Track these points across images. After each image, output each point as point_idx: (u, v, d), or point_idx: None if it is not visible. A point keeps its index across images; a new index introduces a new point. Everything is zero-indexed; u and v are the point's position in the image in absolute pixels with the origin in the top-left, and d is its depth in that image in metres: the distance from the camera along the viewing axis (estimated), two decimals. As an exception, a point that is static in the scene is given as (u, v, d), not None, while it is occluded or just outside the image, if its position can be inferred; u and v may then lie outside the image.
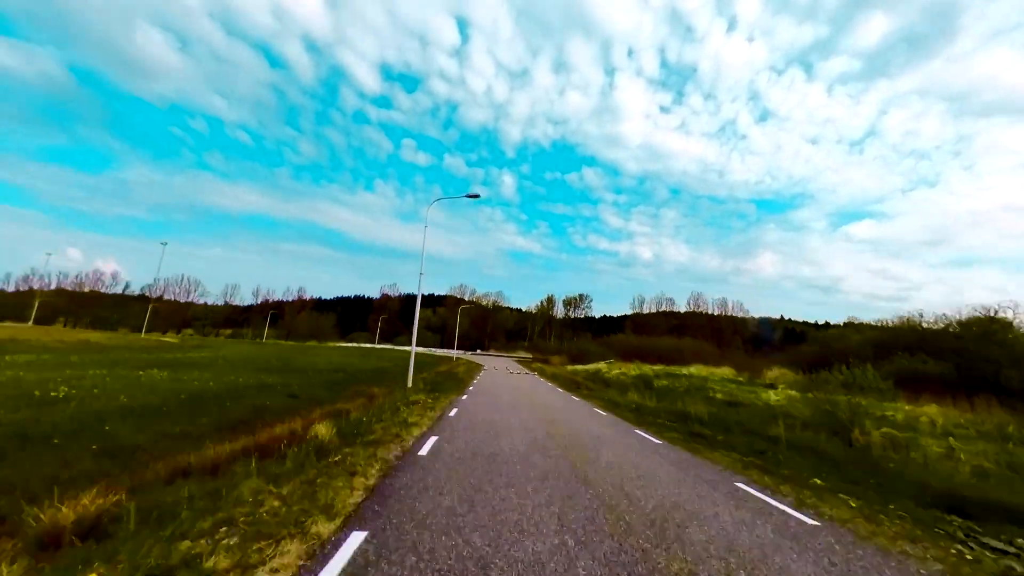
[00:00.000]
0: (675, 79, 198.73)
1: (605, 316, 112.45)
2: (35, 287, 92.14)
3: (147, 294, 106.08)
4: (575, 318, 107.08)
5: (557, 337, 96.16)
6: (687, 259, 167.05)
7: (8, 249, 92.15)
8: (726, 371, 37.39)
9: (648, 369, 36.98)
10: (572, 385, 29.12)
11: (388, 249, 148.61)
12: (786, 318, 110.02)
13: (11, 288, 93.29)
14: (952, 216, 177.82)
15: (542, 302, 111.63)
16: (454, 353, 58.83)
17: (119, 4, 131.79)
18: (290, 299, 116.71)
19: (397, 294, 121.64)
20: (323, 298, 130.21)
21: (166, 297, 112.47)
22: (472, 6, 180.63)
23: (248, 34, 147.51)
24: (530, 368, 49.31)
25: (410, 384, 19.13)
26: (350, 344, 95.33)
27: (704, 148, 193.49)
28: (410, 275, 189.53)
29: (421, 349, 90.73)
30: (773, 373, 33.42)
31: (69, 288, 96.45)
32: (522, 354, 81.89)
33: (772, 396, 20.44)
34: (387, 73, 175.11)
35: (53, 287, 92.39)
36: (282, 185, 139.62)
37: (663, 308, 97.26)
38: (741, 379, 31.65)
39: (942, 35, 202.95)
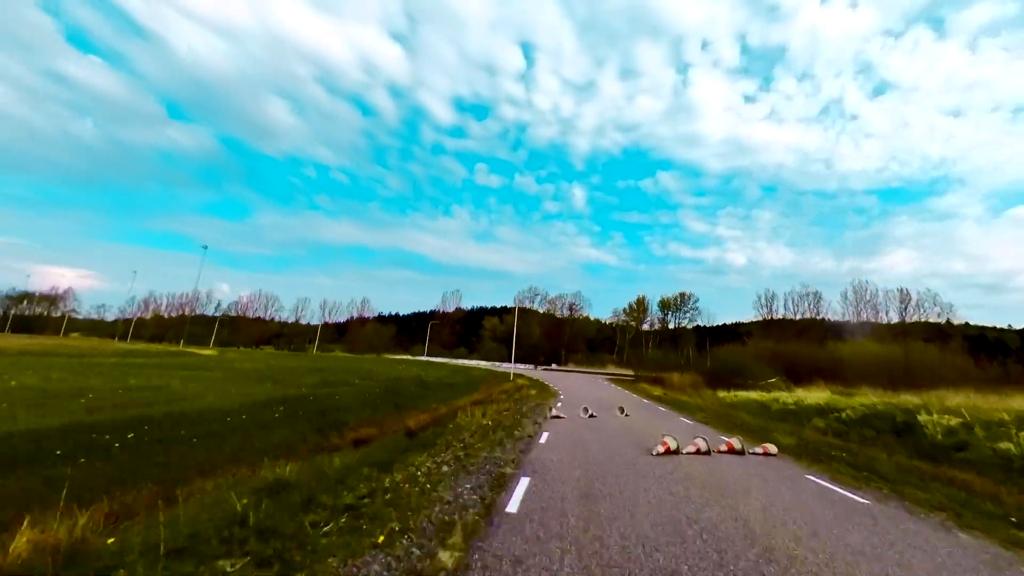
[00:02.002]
0: (760, 64, 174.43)
1: (723, 324, 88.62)
2: (186, 313, 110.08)
3: (233, 312, 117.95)
4: (678, 327, 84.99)
5: (655, 347, 75.73)
6: (789, 263, 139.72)
7: (179, 285, 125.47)
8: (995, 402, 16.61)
9: (899, 402, 17.31)
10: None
11: (464, 268, 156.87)
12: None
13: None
14: None
15: (631, 305, 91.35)
16: (512, 368, 41.86)
17: (253, 83, 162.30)
18: (354, 314, 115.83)
19: (457, 306, 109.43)
20: (388, 313, 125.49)
21: (248, 315, 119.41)
22: (535, 30, 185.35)
23: (344, 90, 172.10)
24: (644, 393, 31.12)
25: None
26: (400, 357, 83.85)
27: (802, 136, 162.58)
28: (484, 291, 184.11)
29: (483, 363, 75.94)
30: None
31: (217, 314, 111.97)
32: (612, 369, 63.19)
33: None
34: (460, 105, 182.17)
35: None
36: (374, 217, 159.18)
37: (806, 310, 71.99)
38: None
39: None
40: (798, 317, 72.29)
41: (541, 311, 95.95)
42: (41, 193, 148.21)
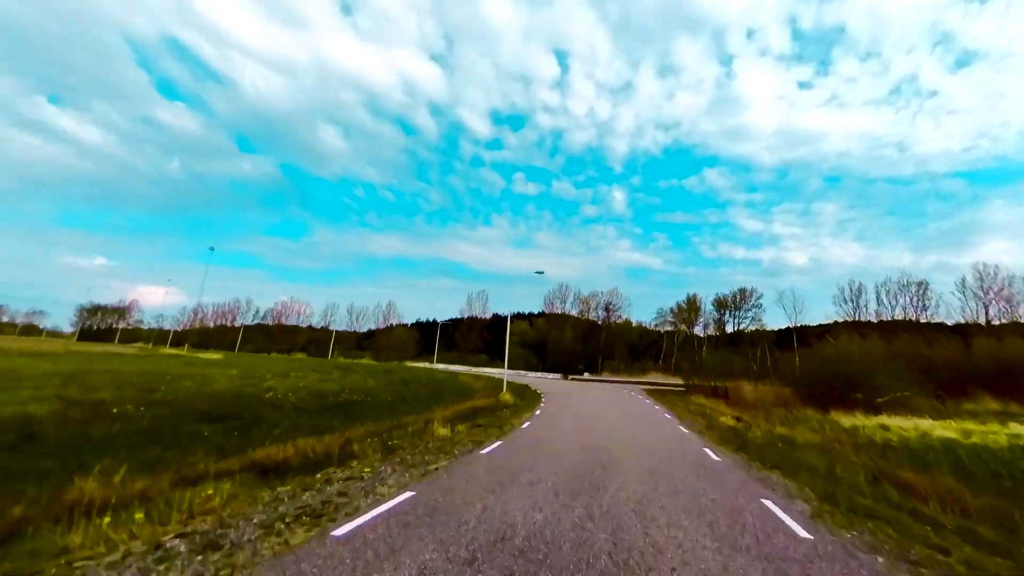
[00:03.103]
0: (815, 48, 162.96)
1: (800, 326, 73.31)
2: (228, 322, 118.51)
3: (269, 320, 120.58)
4: (738, 330, 71.06)
5: (710, 352, 62.86)
6: (860, 259, 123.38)
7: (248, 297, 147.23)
8: None
9: None
10: None
11: (503, 275, 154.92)
12: None
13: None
14: None
15: (679, 305, 78.32)
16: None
17: (307, 113, 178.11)
18: (379, 321, 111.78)
19: (484, 307, 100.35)
20: (427, 319, 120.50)
21: (283, 322, 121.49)
22: (569, 36, 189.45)
23: (388, 113, 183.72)
24: (702, 415, 20.22)
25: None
26: (418, 364, 75.86)
27: (869, 119, 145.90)
28: (523, 297, 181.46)
29: (495, 372, 66.33)
30: None
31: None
32: (656, 378, 51.47)
33: None
34: (496, 118, 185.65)
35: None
36: (417, 230, 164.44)
37: (907, 305, 56.64)
38: None
39: None
40: (899, 315, 57.13)
41: (574, 313, 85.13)
42: (135, 222, 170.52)
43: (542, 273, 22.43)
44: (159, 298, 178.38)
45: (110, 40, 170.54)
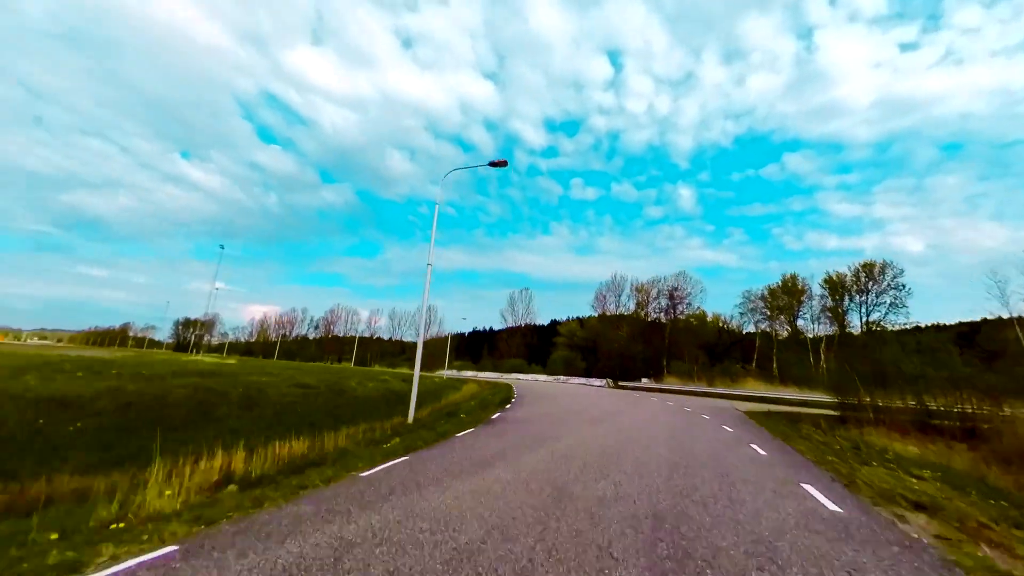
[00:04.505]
0: (918, 4, 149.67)
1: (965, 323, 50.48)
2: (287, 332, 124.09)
3: (320, 330, 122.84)
4: (868, 324, 49.72)
5: (826, 352, 43.25)
6: (1002, 241, 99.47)
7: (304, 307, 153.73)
8: None
9: None
10: None
11: (564, 283, 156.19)
12: None
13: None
14: None
15: (770, 289, 58.58)
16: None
17: (377, 142, 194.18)
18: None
19: (527, 308, 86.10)
20: (483, 328, 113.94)
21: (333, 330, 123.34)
22: (621, 34, 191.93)
23: (447, 133, 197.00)
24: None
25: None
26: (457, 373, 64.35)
27: (1002, 72, 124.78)
28: (581, 304, 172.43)
29: (542, 377, 51.62)
30: None
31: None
32: (752, 388, 33.77)
33: None
34: (550, 126, 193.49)
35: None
36: (478, 242, 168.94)
37: None
38: None
39: None
40: None
41: (632, 306, 68.12)
42: (244, 251, 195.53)
43: (503, 165, 13.62)
44: (260, 314, 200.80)
45: (222, 100, 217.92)
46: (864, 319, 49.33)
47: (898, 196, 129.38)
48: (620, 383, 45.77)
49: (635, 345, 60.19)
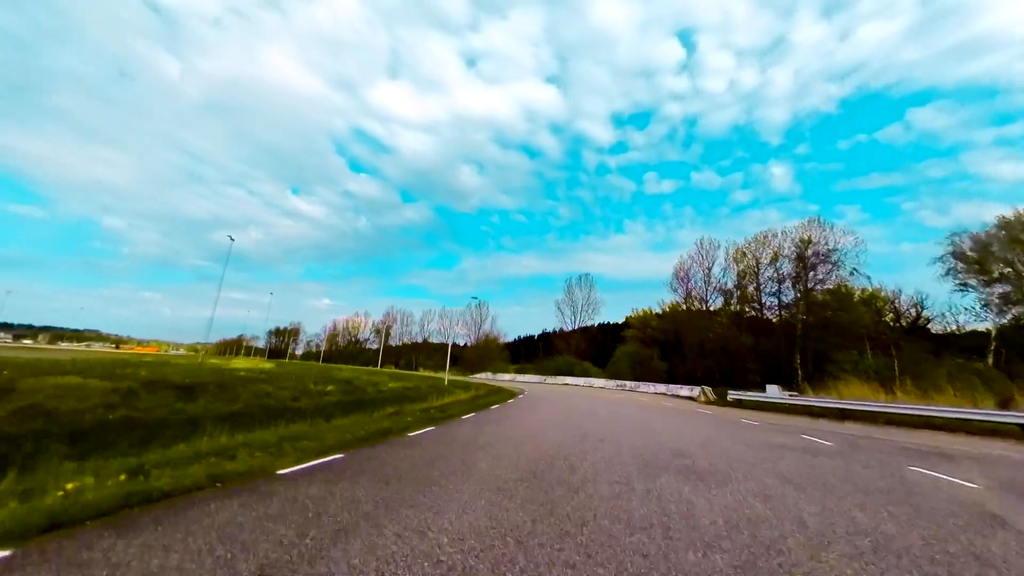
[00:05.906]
0: None
1: None
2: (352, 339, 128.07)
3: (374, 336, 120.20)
4: None
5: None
6: None
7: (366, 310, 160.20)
8: None
9: None
10: None
11: (640, 282, 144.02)
12: None
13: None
14: None
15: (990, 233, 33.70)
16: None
17: (451, 160, 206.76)
18: (471, 335, 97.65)
19: (587, 311, 67.82)
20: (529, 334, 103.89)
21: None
22: (692, 11, 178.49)
23: (513, 142, 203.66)
24: None
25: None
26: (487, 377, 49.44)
27: None
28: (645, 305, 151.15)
29: (599, 382, 33.77)
30: None
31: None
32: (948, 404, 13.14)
33: None
34: (618, 121, 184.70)
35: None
36: (550, 247, 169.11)
37: None
38: None
39: None
40: None
41: (729, 283, 46.67)
42: (343, 270, 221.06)
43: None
44: (341, 322, 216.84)
45: (321, 140, 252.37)
46: None
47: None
48: (729, 397, 26.30)
49: (744, 337, 39.46)
